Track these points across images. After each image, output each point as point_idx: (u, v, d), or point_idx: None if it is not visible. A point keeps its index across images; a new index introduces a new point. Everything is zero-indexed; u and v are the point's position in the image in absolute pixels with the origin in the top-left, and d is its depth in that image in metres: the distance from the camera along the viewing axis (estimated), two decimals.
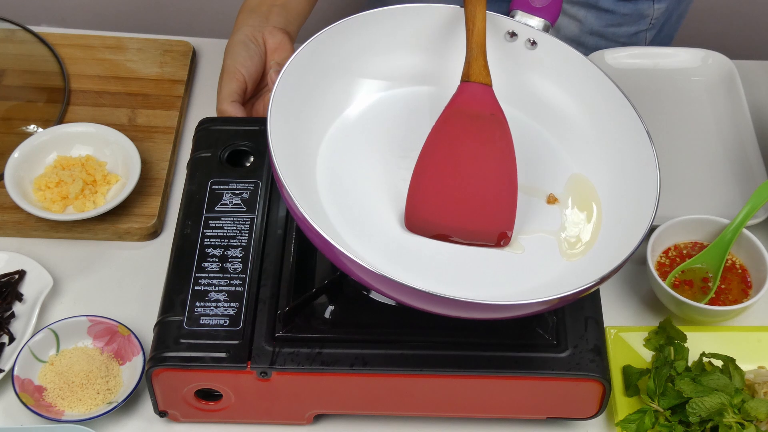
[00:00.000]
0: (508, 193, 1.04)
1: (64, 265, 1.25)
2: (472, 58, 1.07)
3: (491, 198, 1.04)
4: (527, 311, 0.97)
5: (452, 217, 1.03)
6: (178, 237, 1.14)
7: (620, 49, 1.48)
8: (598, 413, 1.10)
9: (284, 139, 1.01)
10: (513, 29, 1.13)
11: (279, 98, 1.03)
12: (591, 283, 0.95)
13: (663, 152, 1.37)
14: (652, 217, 1.00)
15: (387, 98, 1.14)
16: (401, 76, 1.14)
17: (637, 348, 1.17)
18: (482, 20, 1.08)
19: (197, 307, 1.07)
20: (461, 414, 1.12)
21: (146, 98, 1.41)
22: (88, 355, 1.15)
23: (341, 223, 1.03)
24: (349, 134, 1.10)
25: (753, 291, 1.21)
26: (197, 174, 1.19)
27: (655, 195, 1.02)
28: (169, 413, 1.11)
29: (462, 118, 1.05)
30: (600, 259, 1.01)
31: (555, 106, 1.14)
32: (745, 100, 1.41)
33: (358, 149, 1.09)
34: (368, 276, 0.94)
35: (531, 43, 1.13)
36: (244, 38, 1.31)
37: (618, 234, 1.03)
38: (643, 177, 1.05)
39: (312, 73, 1.08)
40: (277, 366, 1.04)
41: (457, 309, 0.95)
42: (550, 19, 1.12)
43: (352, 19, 1.10)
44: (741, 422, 1.08)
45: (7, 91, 1.41)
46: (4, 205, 1.28)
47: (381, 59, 1.13)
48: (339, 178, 1.06)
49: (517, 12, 1.13)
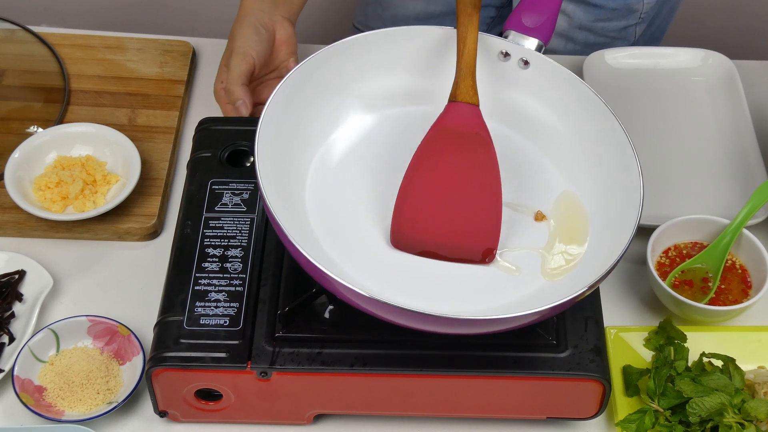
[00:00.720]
0: (492, 210, 1.05)
1: (64, 265, 1.25)
2: (461, 79, 1.09)
3: (476, 215, 1.05)
4: (516, 323, 0.98)
5: (437, 234, 1.04)
6: (178, 237, 1.14)
7: (620, 49, 1.48)
8: (598, 413, 1.10)
9: (273, 159, 1.03)
10: (506, 49, 1.15)
11: (268, 119, 1.05)
12: (566, 299, 0.96)
13: (663, 152, 1.38)
14: (630, 239, 1.01)
15: (377, 119, 1.15)
16: (391, 96, 1.16)
17: (637, 348, 1.17)
18: (473, 41, 1.09)
19: (197, 307, 1.07)
20: (461, 414, 1.12)
21: (146, 98, 1.41)
22: (88, 355, 1.15)
23: (329, 243, 1.04)
24: (338, 155, 1.12)
25: (753, 291, 1.21)
26: (197, 174, 1.19)
27: (635, 219, 1.02)
28: (169, 413, 1.11)
29: (447, 136, 1.07)
30: (581, 276, 1.02)
31: (546, 125, 1.15)
32: (745, 100, 1.41)
33: (347, 169, 1.11)
34: (358, 299, 0.96)
35: (524, 62, 1.14)
36: (255, 22, 1.32)
37: (599, 255, 1.04)
38: (627, 199, 1.05)
39: (303, 93, 1.10)
40: (277, 366, 1.04)
41: (435, 325, 0.97)
42: (543, 38, 1.14)
43: (344, 42, 1.12)
44: (741, 422, 1.08)
45: (7, 91, 1.41)
46: (4, 205, 1.28)
47: (371, 81, 1.15)
48: (328, 198, 1.08)
49: (510, 32, 1.15)
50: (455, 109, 1.08)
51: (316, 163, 1.11)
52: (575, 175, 1.12)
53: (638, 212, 1.02)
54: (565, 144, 1.13)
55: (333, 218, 1.07)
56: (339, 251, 1.04)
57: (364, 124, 1.15)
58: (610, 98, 1.43)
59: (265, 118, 1.05)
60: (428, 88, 1.16)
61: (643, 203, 1.03)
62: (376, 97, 1.15)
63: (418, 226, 1.04)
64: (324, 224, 1.06)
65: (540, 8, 1.14)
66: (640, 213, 1.03)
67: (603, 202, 1.08)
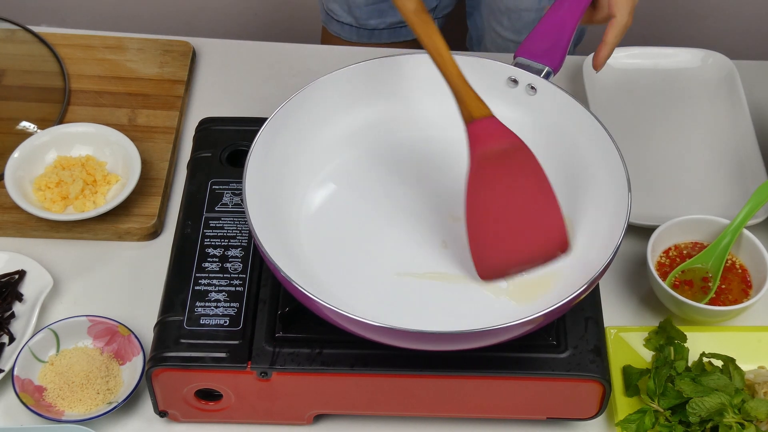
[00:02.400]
0: (553, 207, 1.06)
1: (64, 265, 1.25)
2: (464, 97, 1.07)
3: (542, 219, 1.06)
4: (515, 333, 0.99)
5: (519, 252, 1.06)
6: (178, 237, 1.14)
7: (620, 49, 1.48)
8: (598, 413, 1.10)
9: (262, 197, 1.05)
10: (514, 76, 1.15)
11: (254, 162, 1.06)
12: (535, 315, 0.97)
13: (663, 152, 1.38)
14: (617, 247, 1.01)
15: (361, 149, 1.17)
16: (372, 124, 1.17)
17: (637, 348, 1.17)
18: (453, 64, 1.08)
19: (197, 307, 1.07)
20: (461, 414, 1.12)
21: (146, 98, 1.41)
22: (88, 355, 1.15)
23: (325, 273, 1.06)
24: (325, 185, 1.14)
25: (753, 291, 1.21)
26: (197, 174, 1.19)
27: (612, 250, 1.02)
28: (169, 413, 1.11)
29: (490, 159, 1.06)
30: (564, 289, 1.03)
31: (549, 152, 1.14)
32: (745, 100, 1.41)
33: (338, 199, 1.13)
34: (369, 331, 0.98)
35: (531, 88, 1.14)
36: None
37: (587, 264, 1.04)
38: (615, 220, 1.05)
39: (287, 133, 1.11)
40: (277, 366, 1.04)
41: (427, 343, 0.98)
42: (552, 65, 1.14)
43: (322, 79, 1.14)
44: (741, 422, 1.08)
45: (7, 91, 1.41)
46: (4, 205, 1.28)
47: (351, 113, 1.17)
48: (323, 234, 1.10)
49: (519, 59, 1.16)
50: (479, 129, 1.06)
51: (305, 204, 1.12)
52: (573, 204, 1.12)
53: (622, 229, 1.02)
54: (567, 172, 1.13)
55: (332, 257, 1.08)
56: (334, 277, 1.06)
57: (347, 156, 1.16)
58: (610, 98, 1.43)
59: (252, 158, 1.06)
60: (405, 113, 1.18)
61: (626, 225, 1.03)
62: (354, 129, 1.17)
63: (500, 255, 1.06)
64: (322, 261, 1.08)
65: (551, 36, 1.15)
66: (625, 227, 1.03)
67: (592, 219, 1.09)
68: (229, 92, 1.45)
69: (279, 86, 1.45)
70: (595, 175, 1.11)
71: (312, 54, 1.51)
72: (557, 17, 1.16)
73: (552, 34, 1.16)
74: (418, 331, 0.96)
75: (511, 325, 0.96)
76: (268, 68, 1.48)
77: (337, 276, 1.06)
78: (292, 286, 0.98)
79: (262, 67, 1.48)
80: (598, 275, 1.00)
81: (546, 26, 1.16)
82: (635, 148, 1.37)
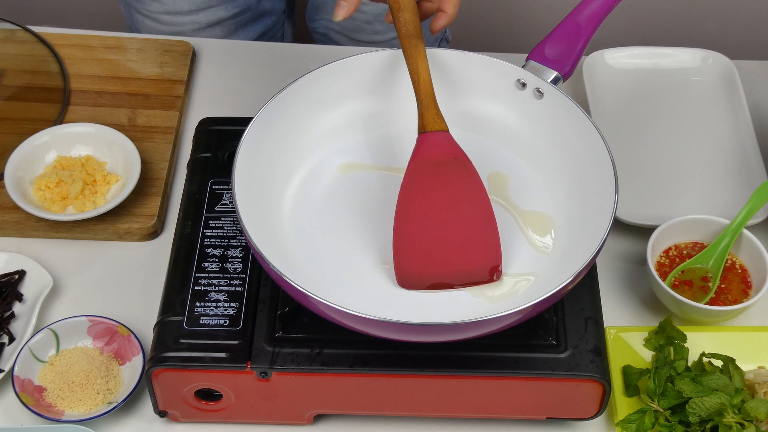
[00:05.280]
0: (488, 228, 1.05)
1: (64, 265, 1.25)
2: (424, 109, 1.09)
3: (474, 237, 1.06)
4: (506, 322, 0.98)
5: (441, 265, 1.05)
6: (178, 237, 1.14)
7: (620, 49, 1.48)
8: (598, 413, 1.10)
9: (251, 200, 1.05)
10: (523, 79, 1.15)
11: (240, 168, 1.06)
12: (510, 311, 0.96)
13: (663, 152, 1.38)
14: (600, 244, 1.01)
15: (344, 147, 1.17)
16: (354, 123, 1.18)
17: (637, 348, 1.17)
18: (425, 71, 1.10)
19: (197, 307, 1.07)
20: (461, 414, 1.12)
21: (146, 98, 1.41)
22: (88, 355, 1.15)
23: (311, 266, 1.06)
24: (310, 189, 1.14)
25: (753, 291, 1.21)
26: (197, 174, 1.19)
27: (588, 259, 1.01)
28: (169, 413, 1.11)
29: (427, 168, 1.07)
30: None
31: (550, 157, 1.15)
32: (745, 100, 1.41)
33: (321, 203, 1.12)
34: (361, 324, 0.97)
35: (538, 92, 1.15)
36: None
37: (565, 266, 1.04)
38: (600, 217, 1.05)
39: (269, 137, 1.12)
40: (277, 366, 1.04)
41: (415, 334, 0.98)
42: (561, 71, 1.15)
43: (300, 79, 1.15)
44: (741, 422, 1.08)
45: (7, 91, 1.42)
46: (4, 205, 1.28)
47: (332, 112, 1.17)
48: (309, 234, 1.10)
49: (530, 62, 1.16)
50: (427, 139, 1.08)
51: (288, 206, 1.12)
52: (563, 206, 1.11)
53: (607, 226, 1.02)
54: (561, 175, 1.13)
55: (319, 256, 1.08)
56: (323, 276, 1.06)
57: (327, 155, 1.16)
58: (610, 98, 1.43)
59: (240, 156, 1.06)
60: (386, 109, 1.18)
61: (611, 221, 1.03)
62: (336, 127, 1.17)
63: (421, 263, 1.05)
64: (308, 261, 1.07)
65: (564, 42, 1.16)
66: (609, 226, 1.02)
67: (579, 218, 1.09)
68: (229, 92, 1.45)
69: (279, 86, 1.44)
70: (589, 181, 1.10)
71: (312, 54, 1.51)
72: (573, 24, 1.17)
73: (566, 40, 1.16)
74: (413, 324, 0.95)
75: (502, 315, 0.95)
76: (268, 68, 1.48)
77: (327, 269, 1.06)
78: (283, 280, 0.97)
79: (262, 67, 1.48)
80: (583, 268, 0.99)
81: (561, 31, 1.17)
82: (635, 147, 1.37)
